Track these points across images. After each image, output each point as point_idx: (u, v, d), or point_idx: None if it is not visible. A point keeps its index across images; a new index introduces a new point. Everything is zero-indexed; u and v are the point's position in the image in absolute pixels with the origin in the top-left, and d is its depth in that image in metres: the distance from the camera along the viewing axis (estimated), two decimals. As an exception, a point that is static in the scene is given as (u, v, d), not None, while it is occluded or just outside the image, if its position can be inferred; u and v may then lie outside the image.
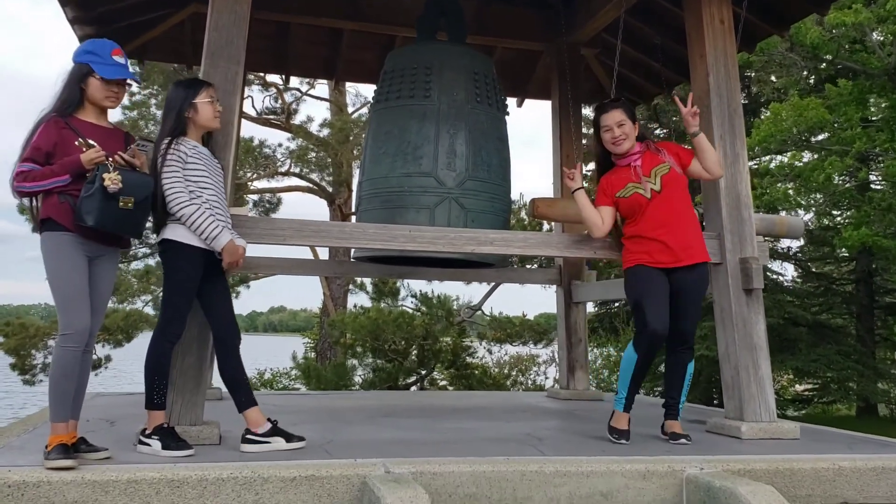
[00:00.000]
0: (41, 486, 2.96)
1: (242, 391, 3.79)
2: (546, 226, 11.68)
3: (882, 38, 11.89)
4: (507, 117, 5.69)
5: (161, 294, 3.81)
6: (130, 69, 3.62)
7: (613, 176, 4.41)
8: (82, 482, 3.00)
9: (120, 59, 3.49)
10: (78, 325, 3.28)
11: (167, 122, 3.76)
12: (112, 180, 3.26)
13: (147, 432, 3.55)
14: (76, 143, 3.33)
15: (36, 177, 3.31)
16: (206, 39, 4.23)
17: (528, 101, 7.90)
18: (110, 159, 3.34)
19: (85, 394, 3.52)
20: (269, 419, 3.75)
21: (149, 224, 3.69)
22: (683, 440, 4.19)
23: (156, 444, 3.49)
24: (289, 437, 3.72)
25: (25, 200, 3.43)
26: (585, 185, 4.57)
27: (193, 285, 3.70)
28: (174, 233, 3.64)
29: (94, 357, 15.07)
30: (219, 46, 4.19)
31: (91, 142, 3.34)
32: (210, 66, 4.15)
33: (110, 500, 3.00)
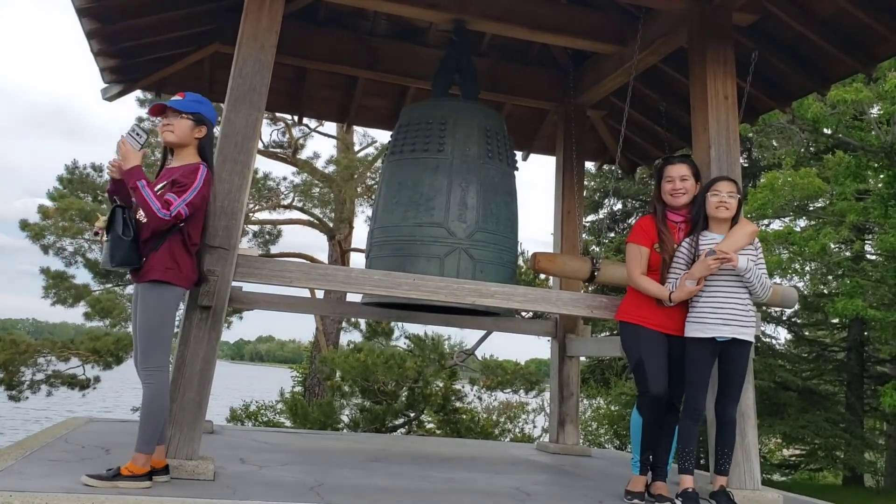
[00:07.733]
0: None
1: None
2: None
3: (880, 114, 12.14)
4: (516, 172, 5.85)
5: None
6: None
7: (658, 225, 4.42)
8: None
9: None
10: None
11: None
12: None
13: None
14: None
15: None
16: (230, 85, 4.37)
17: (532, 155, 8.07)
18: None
19: None
20: None
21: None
22: (669, 503, 4.25)
23: None
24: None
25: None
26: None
27: None
28: None
29: (84, 377, 15.16)
30: (242, 93, 4.33)
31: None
32: (232, 112, 4.28)
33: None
